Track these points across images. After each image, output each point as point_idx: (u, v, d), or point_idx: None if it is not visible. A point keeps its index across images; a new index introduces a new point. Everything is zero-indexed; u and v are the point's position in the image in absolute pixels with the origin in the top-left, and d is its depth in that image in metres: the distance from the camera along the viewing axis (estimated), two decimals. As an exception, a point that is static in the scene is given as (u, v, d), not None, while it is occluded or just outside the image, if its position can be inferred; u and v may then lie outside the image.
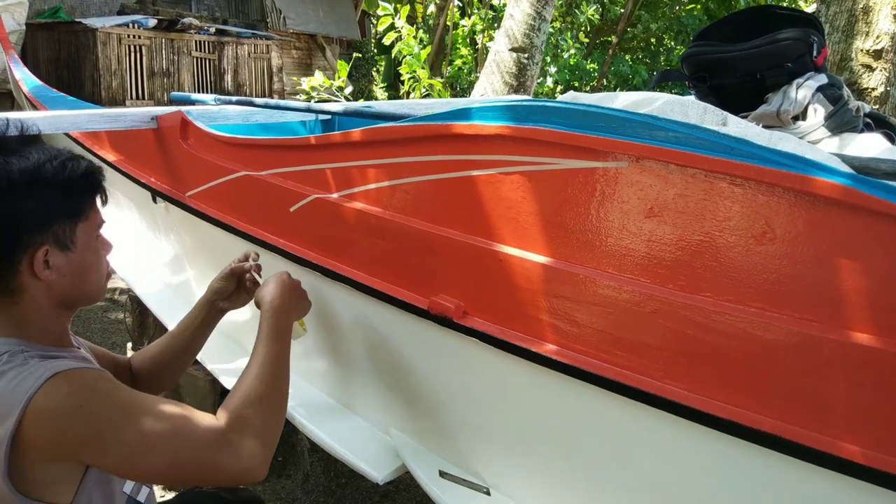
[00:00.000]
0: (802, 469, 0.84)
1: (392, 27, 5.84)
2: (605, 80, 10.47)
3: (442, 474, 1.31)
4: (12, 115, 1.61)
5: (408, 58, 5.77)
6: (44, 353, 0.97)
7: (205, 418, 0.97)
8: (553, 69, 9.32)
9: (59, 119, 1.77)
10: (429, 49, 6.25)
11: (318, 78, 5.67)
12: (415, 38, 5.77)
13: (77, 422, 0.88)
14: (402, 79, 6.04)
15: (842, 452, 0.81)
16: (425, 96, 5.81)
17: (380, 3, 5.81)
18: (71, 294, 1.02)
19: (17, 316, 0.98)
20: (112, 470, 0.95)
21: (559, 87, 9.44)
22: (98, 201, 1.07)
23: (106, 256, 1.08)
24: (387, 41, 6.02)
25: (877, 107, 3.02)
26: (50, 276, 0.98)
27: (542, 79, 9.18)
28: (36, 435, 0.88)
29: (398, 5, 5.71)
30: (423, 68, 5.76)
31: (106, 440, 0.90)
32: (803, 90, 1.32)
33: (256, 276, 1.36)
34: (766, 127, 1.24)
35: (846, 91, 1.36)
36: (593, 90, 10.10)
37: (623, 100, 1.16)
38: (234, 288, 1.36)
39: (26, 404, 0.87)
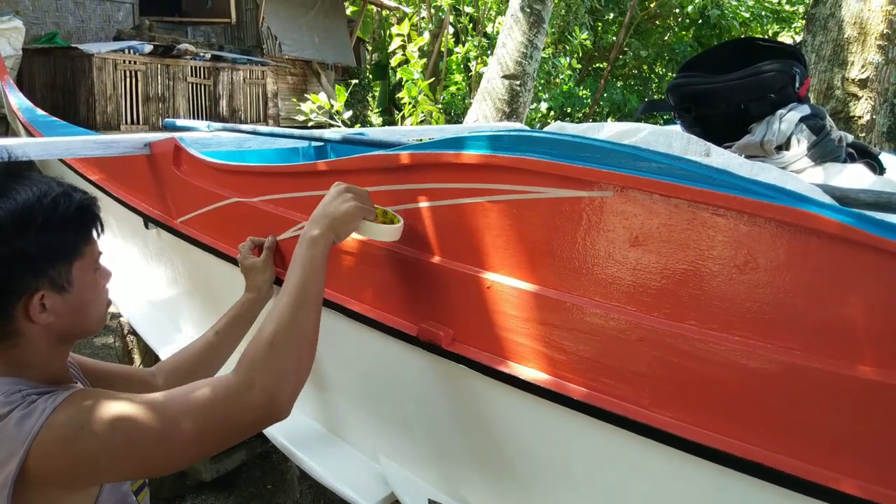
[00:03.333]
0: (787, 498, 0.84)
1: (402, 48, 5.92)
2: (597, 107, 10.58)
3: (431, 503, 1.31)
4: (2, 141, 1.61)
5: (409, 83, 5.84)
6: (44, 391, 0.94)
7: (207, 382, 0.95)
8: (546, 95, 9.42)
9: (53, 145, 1.78)
10: (429, 81, 6.35)
11: (321, 98, 5.71)
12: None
13: (83, 442, 0.87)
14: (397, 104, 6.12)
15: (827, 481, 0.81)
16: (422, 122, 5.88)
17: (394, 27, 5.92)
18: (70, 332, 0.99)
19: (15, 358, 0.95)
20: (136, 473, 0.94)
21: (552, 114, 9.54)
22: (94, 233, 1.03)
23: (106, 285, 1.05)
24: (395, 63, 6.10)
25: (863, 135, 3.07)
26: (47, 319, 0.94)
27: (535, 105, 9.28)
28: (47, 469, 0.86)
29: (413, 33, 5.80)
30: (423, 94, 5.84)
31: (118, 447, 0.88)
32: (786, 121, 1.34)
33: (268, 250, 1.43)
34: (749, 157, 1.26)
35: (829, 121, 1.38)
36: (586, 117, 10.21)
37: (608, 130, 1.18)
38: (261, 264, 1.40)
39: (30, 444, 0.85)
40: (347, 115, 5.68)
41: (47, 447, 0.86)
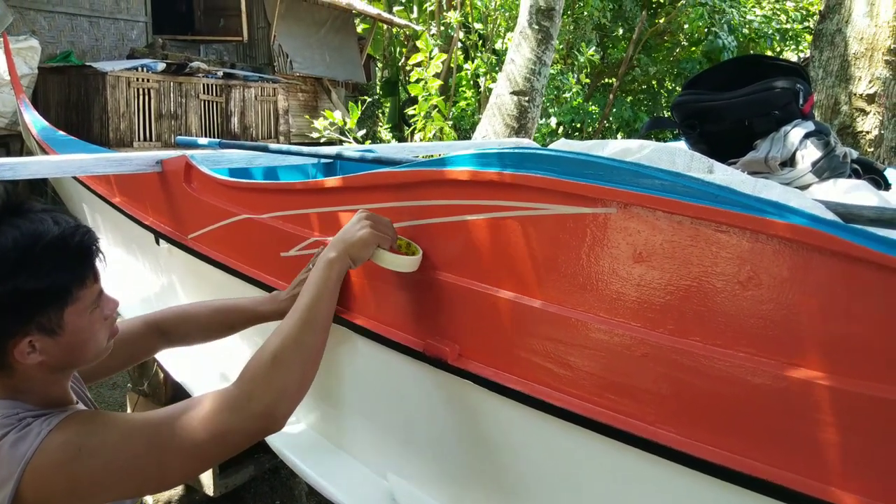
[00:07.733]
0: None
1: (420, 64, 5.97)
2: (607, 122, 10.60)
3: (437, 518, 1.31)
4: (17, 160, 1.64)
5: (422, 100, 5.90)
6: (40, 413, 0.94)
7: (207, 395, 0.96)
8: (556, 109, 9.46)
9: (66, 163, 1.81)
10: (443, 97, 6.40)
11: (336, 115, 5.76)
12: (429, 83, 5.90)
13: (82, 464, 0.87)
14: (407, 120, 6.15)
15: (832, 498, 0.81)
16: (432, 137, 5.92)
17: (418, 41, 5.97)
18: (65, 365, 0.98)
19: (12, 385, 0.95)
20: (137, 492, 0.94)
21: (561, 129, 9.56)
22: (92, 275, 0.99)
23: (109, 317, 1.03)
24: (413, 77, 6.15)
25: (871, 150, 3.06)
26: (38, 359, 0.93)
27: (544, 120, 9.31)
28: (43, 493, 0.86)
29: (426, 51, 5.85)
30: (437, 110, 5.88)
31: (118, 467, 0.89)
32: (791, 137, 1.35)
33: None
34: (753, 173, 1.27)
35: (833, 137, 1.39)
36: (595, 132, 10.23)
37: (612, 147, 1.19)
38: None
39: (24, 467, 0.85)
40: (360, 133, 5.73)
41: (42, 471, 0.85)
